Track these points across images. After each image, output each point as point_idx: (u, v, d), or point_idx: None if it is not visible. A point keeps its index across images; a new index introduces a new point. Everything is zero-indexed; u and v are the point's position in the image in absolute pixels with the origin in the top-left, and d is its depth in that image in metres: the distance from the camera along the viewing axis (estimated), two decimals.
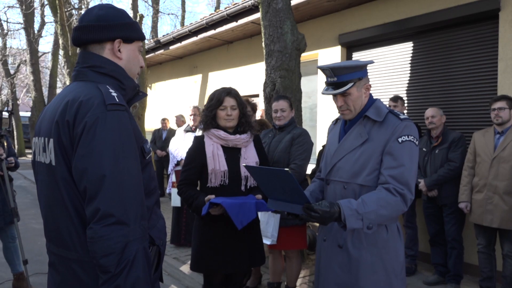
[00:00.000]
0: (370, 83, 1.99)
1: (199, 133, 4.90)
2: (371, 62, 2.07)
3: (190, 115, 5.19)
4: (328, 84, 1.94)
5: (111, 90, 1.34)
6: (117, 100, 1.31)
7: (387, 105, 4.41)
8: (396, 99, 4.45)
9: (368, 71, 5.46)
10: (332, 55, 5.69)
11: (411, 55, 4.95)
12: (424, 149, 4.11)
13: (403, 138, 1.83)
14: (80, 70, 1.44)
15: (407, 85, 4.99)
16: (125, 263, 1.20)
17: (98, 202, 1.20)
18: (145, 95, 1.57)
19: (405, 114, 4.48)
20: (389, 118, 1.89)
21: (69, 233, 1.33)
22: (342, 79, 1.88)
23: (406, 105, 4.95)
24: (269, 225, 3.28)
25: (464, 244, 3.97)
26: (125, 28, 1.45)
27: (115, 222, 1.20)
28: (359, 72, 1.90)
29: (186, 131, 5.19)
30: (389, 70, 5.16)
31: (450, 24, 4.50)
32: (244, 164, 1.90)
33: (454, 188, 3.87)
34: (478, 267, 3.72)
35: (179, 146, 5.09)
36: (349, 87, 1.88)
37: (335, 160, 1.97)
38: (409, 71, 4.97)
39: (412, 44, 4.94)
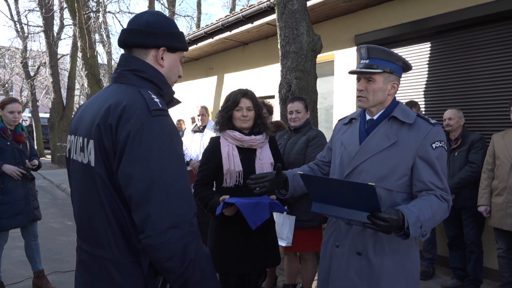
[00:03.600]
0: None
1: (207, 133, 4.94)
2: (411, 67, 1.99)
3: (198, 115, 5.22)
4: (359, 67, 1.89)
5: (153, 96, 1.35)
6: (160, 106, 1.32)
7: None
8: (415, 104, 4.38)
9: None
10: (348, 56, 5.66)
11: (429, 55, 4.89)
12: None
13: (437, 144, 1.78)
14: (121, 72, 1.45)
15: (425, 86, 4.92)
16: (188, 262, 1.24)
17: (148, 208, 1.21)
18: (179, 102, 1.58)
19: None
20: (419, 122, 1.82)
21: (105, 233, 1.34)
22: (374, 62, 1.84)
23: (424, 106, 4.89)
24: (284, 226, 3.27)
25: (483, 248, 3.90)
26: (171, 37, 1.47)
27: (169, 227, 1.21)
28: (394, 64, 1.86)
29: (194, 131, 5.22)
30: (407, 71, 5.09)
31: (469, 24, 4.42)
32: (301, 172, 1.74)
33: (472, 191, 3.80)
34: (498, 271, 3.65)
35: (188, 146, 5.13)
36: (377, 71, 1.82)
37: (357, 162, 1.85)
38: (427, 72, 4.90)
39: (430, 45, 4.87)
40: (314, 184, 1.71)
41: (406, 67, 1.93)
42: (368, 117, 1.95)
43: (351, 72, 1.93)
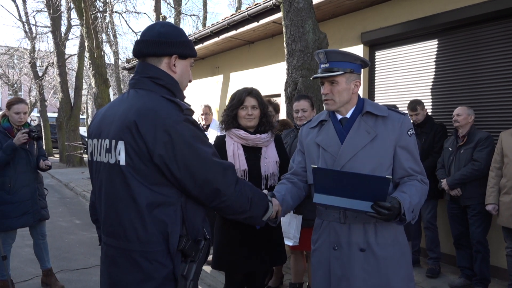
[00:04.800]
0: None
1: (211, 131, 4.96)
2: (369, 63, 2.07)
3: (202, 114, 5.24)
4: (320, 72, 1.96)
5: (177, 100, 1.51)
6: (187, 105, 1.53)
7: (409, 115, 4.36)
8: (419, 102, 4.35)
9: (391, 69, 5.32)
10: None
11: (436, 53, 4.85)
12: (450, 148, 4.02)
13: (411, 132, 1.92)
14: (139, 79, 1.59)
15: (432, 84, 4.89)
16: (249, 203, 1.66)
17: (215, 187, 1.51)
18: (189, 105, 1.66)
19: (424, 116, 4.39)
20: (392, 114, 1.93)
21: (134, 227, 1.46)
22: (333, 65, 1.90)
23: (431, 104, 4.85)
24: (291, 226, 3.26)
25: (492, 247, 3.86)
26: (182, 45, 1.61)
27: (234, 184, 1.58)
28: (352, 64, 1.92)
29: None
30: (414, 69, 5.06)
31: (477, 21, 4.38)
32: (316, 166, 1.78)
33: (477, 189, 3.77)
34: (507, 270, 3.61)
35: None
36: (338, 73, 1.89)
37: (344, 161, 1.88)
38: (435, 70, 4.86)
39: (438, 42, 4.83)
40: (325, 177, 1.76)
41: (364, 64, 2.00)
42: (339, 117, 1.99)
43: (314, 78, 2.00)
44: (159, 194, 1.45)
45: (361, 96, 2.05)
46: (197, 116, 7.34)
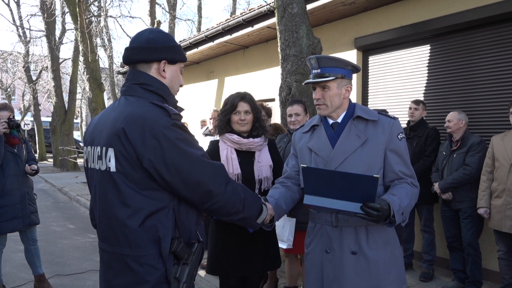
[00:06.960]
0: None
1: (217, 136, 4.97)
2: (359, 69, 2.10)
3: (210, 119, 5.24)
4: (312, 77, 1.99)
5: (165, 105, 1.52)
6: (176, 111, 1.54)
7: (409, 107, 4.41)
8: (422, 101, 4.42)
9: (384, 75, 5.35)
10: (348, 58, 5.64)
11: (429, 58, 4.90)
12: (444, 152, 4.06)
13: (401, 135, 1.94)
14: (130, 86, 1.60)
15: (425, 88, 4.93)
16: (242, 203, 1.66)
17: (206, 189, 1.53)
18: (182, 109, 1.69)
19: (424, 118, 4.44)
20: (382, 118, 1.96)
21: (124, 232, 1.48)
22: (325, 71, 1.93)
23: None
24: (285, 229, 3.27)
25: (484, 250, 3.89)
26: (171, 51, 1.62)
27: (220, 193, 1.57)
28: (343, 69, 1.95)
29: (205, 134, 5.25)
30: (407, 74, 5.10)
31: (469, 26, 4.43)
32: (305, 166, 1.78)
33: (468, 192, 3.82)
34: (499, 273, 3.64)
35: None
36: (329, 79, 1.91)
37: (335, 165, 1.91)
38: (428, 75, 4.91)
39: (430, 47, 4.88)
40: (314, 177, 1.77)
41: (355, 69, 2.04)
42: (331, 121, 2.02)
43: (306, 83, 2.03)
44: (150, 199, 1.47)
45: (355, 100, 2.07)
46: (205, 121, 7.30)
